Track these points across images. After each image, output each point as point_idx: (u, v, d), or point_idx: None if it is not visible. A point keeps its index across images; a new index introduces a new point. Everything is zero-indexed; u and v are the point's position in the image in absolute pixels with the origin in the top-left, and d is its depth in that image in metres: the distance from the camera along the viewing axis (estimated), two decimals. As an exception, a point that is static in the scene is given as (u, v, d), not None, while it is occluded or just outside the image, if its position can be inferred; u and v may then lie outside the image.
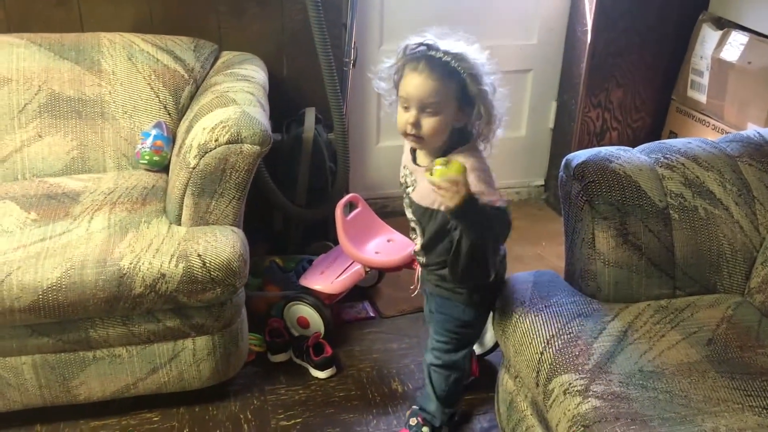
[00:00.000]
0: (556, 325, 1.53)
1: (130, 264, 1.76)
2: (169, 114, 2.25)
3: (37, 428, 1.92)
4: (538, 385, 1.48)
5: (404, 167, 1.68)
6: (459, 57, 1.48)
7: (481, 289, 1.68)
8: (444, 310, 1.74)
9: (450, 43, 1.51)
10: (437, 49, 1.49)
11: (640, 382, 1.38)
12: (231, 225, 1.94)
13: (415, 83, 1.48)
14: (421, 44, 1.52)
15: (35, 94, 2.18)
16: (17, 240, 1.81)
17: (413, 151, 1.63)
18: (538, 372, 1.48)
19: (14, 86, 2.17)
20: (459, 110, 1.52)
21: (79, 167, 2.19)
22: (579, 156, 1.70)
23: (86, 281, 1.72)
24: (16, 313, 1.71)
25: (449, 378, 1.80)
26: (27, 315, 1.72)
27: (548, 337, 1.51)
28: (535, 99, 3.10)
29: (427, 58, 1.49)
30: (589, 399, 1.34)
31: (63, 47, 2.23)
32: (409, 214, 1.70)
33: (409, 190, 1.66)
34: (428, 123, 1.50)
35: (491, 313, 1.76)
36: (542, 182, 3.29)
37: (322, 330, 2.22)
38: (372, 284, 2.52)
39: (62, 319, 1.76)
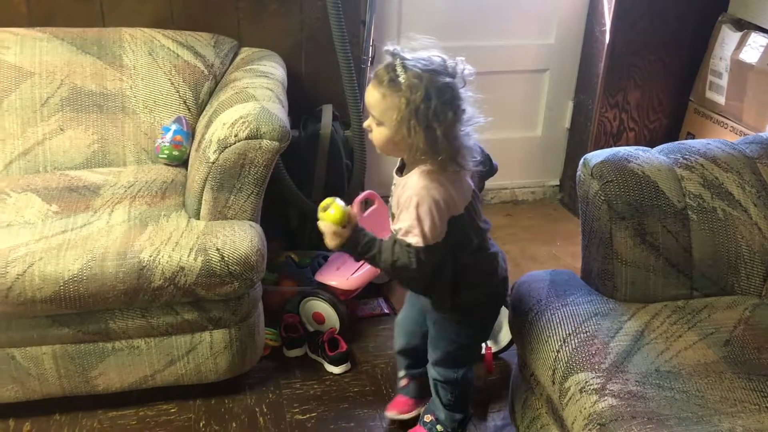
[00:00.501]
0: (572, 324, 1.54)
1: (150, 257, 1.78)
2: (189, 109, 2.28)
3: (56, 417, 1.95)
4: (553, 383, 1.48)
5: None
6: (410, 75, 1.37)
7: (476, 310, 1.66)
8: (438, 328, 1.71)
9: (416, 57, 1.40)
10: (396, 60, 1.39)
11: (657, 381, 1.38)
12: (249, 220, 1.96)
13: (367, 90, 1.45)
14: (389, 52, 1.42)
15: (57, 88, 2.21)
16: (39, 231, 1.84)
17: (402, 160, 1.55)
18: (553, 370, 1.48)
19: (37, 80, 2.20)
20: (407, 128, 1.39)
21: (99, 161, 2.22)
22: (598, 155, 1.70)
23: (107, 273, 1.74)
24: (38, 303, 1.73)
25: (454, 391, 1.79)
26: (48, 305, 1.74)
27: (564, 336, 1.51)
28: (551, 99, 3.10)
29: (385, 68, 1.41)
30: (606, 398, 1.35)
31: (85, 42, 2.26)
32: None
33: (391, 199, 1.58)
34: (374, 132, 1.46)
35: (506, 311, 1.76)
36: (557, 182, 3.28)
37: (337, 326, 2.23)
38: (387, 281, 2.53)
39: (82, 310, 1.79)
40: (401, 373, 1.93)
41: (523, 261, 2.73)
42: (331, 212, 1.47)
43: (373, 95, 1.42)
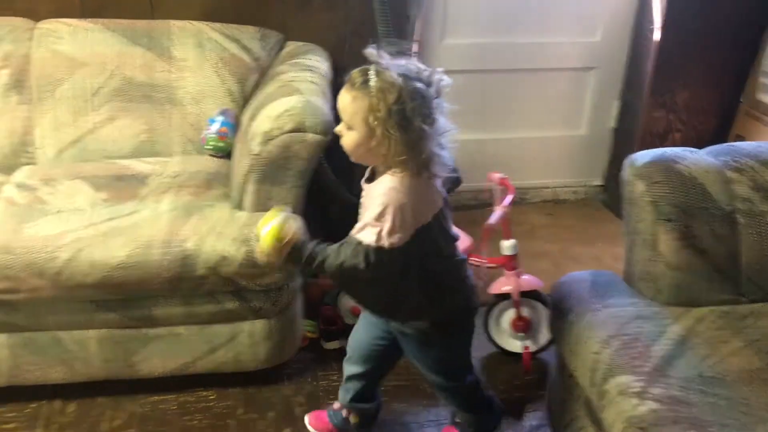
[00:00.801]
0: (614, 326, 1.52)
1: (194, 246, 1.81)
2: (235, 101, 2.31)
3: (99, 400, 2.00)
4: (593, 384, 1.46)
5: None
6: (382, 77, 1.32)
7: (452, 321, 1.58)
8: (419, 350, 1.63)
9: (392, 62, 1.35)
10: (371, 64, 1.35)
11: (700, 387, 1.36)
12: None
13: (339, 94, 1.40)
14: (367, 55, 1.38)
15: (108, 79, 2.26)
16: (88, 218, 1.89)
17: (372, 169, 1.49)
18: (593, 372, 1.47)
19: (89, 70, 2.26)
20: (380, 132, 1.34)
21: (147, 150, 2.26)
22: (644, 156, 1.68)
23: (152, 261, 1.78)
24: (85, 288, 1.78)
25: (459, 398, 1.75)
26: (95, 291, 1.79)
27: (606, 338, 1.49)
28: (597, 97, 3.06)
29: (359, 71, 1.36)
30: (647, 401, 1.33)
31: (135, 33, 2.31)
32: None
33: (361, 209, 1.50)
34: (345, 137, 1.40)
35: (545, 311, 1.75)
36: (601, 182, 3.24)
37: (375, 320, 2.24)
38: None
39: (128, 296, 1.83)
40: (341, 401, 1.83)
41: (563, 261, 2.70)
42: (263, 232, 1.42)
43: (344, 98, 1.38)
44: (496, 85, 2.96)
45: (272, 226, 1.42)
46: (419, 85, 1.35)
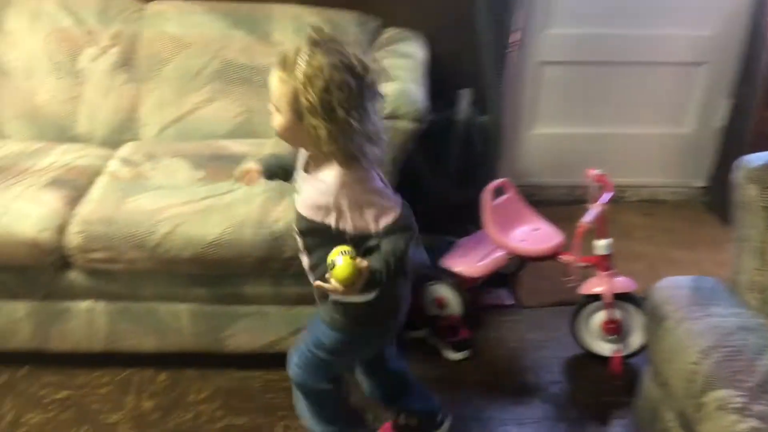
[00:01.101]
0: (715, 336, 1.44)
1: (284, 228, 1.83)
2: (330, 86, 2.32)
3: (188, 372, 2.07)
4: (689, 396, 1.39)
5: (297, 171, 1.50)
6: (312, 64, 1.25)
7: (356, 314, 1.49)
8: (309, 325, 1.62)
9: (331, 48, 1.28)
10: (305, 47, 1.28)
11: (808, 408, 1.27)
12: (381, 199, 1.97)
13: (271, 73, 1.33)
14: (309, 37, 1.31)
15: (210, 60, 2.32)
16: (186, 195, 1.94)
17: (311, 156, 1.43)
18: (690, 383, 1.39)
19: (192, 51, 2.32)
20: (299, 119, 1.30)
21: (243, 132, 2.31)
22: (758, 158, 1.58)
23: (244, 240, 1.82)
24: (180, 262, 1.84)
25: (308, 401, 1.69)
26: (189, 265, 1.85)
27: (706, 348, 1.41)
28: (705, 94, 2.90)
29: (294, 52, 1.28)
30: (748, 418, 1.25)
31: (238, 17, 2.36)
32: (294, 226, 1.50)
33: (296, 196, 1.47)
34: (274, 118, 1.35)
35: (640, 315, 1.67)
36: (704, 183, 3.08)
37: (459, 312, 2.21)
38: (513, 271, 2.48)
39: (219, 273, 1.88)
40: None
41: (660, 264, 2.58)
42: (338, 263, 1.30)
43: (273, 78, 1.32)
44: (598, 78, 2.86)
45: (347, 258, 1.31)
46: (349, 75, 1.27)
